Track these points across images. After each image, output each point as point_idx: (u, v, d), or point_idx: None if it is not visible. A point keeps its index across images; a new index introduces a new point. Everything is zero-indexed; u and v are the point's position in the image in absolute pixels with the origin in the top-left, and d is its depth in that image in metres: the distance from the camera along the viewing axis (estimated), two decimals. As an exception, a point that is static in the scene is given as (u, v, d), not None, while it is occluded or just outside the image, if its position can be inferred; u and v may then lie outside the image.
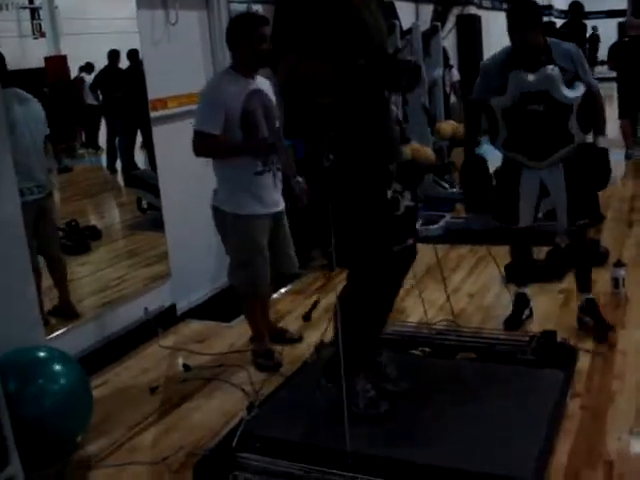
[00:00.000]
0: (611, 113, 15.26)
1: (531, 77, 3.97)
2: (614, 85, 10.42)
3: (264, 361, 4.17)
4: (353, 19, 2.95)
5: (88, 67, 11.47)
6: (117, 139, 10.16)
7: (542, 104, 3.96)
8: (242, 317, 4.53)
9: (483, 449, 3.01)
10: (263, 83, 4.12)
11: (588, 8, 24.84)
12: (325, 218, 2.93)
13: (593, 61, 21.47)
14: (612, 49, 10.40)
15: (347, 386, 3.14)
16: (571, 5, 11.19)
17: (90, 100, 9.82)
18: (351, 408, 3.11)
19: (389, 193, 3.05)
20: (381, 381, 3.40)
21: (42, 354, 3.47)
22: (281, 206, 4.19)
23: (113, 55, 10.31)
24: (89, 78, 10.76)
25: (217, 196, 4.08)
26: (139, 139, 7.83)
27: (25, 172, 4.45)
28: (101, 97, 10.77)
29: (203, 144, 3.89)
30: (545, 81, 3.94)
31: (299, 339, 4.47)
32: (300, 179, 4.35)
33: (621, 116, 9.98)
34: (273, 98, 4.15)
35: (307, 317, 3.39)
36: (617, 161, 9.88)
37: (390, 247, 3.07)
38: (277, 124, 4.18)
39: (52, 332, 4.13)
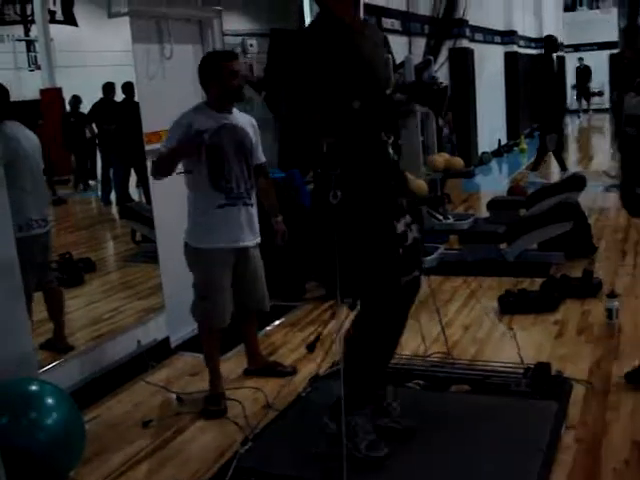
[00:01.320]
0: (604, 144, 15.41)
1: (634, 99, 3.86)
2: (606, 117, 10.53)
3: (210, 406, 4.05)
4: (356, 57, 3.01)
5: (75, 100, 11.47)
6: (112, 171, 10.17)
7: (635, 128, 3.83)
8: (236, 350, 4.51)
9: (478, 482, 3.00)
10: (241, 118, 4.12)
11: (579, 40, 25.29)
12: (332, 253, 2.94)
13: (585, 92, 21.58)
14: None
15: (347, 424, 3.12)
16: (545, 39, 11.46)
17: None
18: (352, 452, 3.08)
19: (399, 226, 3.07)
20: (382, 416, 3.35)
21: (34, 387, 3.46)
22: (247, 242, 4.11)
23: (108, 88, 10.37)
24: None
25: (186, 230, 4.09)
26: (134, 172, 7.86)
27: (36, 205, 4.46)
28: (96, 130, 10.82)
29: (155, 162, 3.96)
30: (638, 105, 3.81)
31: (292, 372, 4.39)
32: (280, 219, 4.34)
33: None
34: (251, 132, 4.13)
35: (311, 348, 3.38)
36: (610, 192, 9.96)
37: (398, 279, 3.08)
38: (259, 160, 4.19)
39: (45, 365, 4.11)
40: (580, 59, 23.55)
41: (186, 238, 4.07)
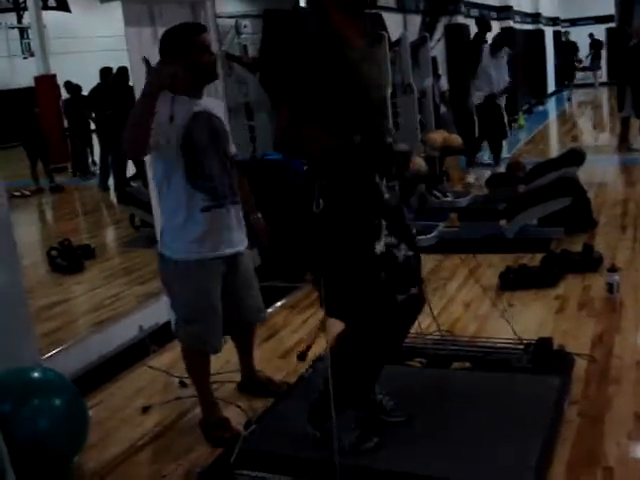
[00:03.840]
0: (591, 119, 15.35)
1: None
2: (592, 91, 10.50)
3: (220, 433, 3.55)
4: (351, 75, 2.84)
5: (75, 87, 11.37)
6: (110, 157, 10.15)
7: None
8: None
9: (481, 459, 3.00)
10: (212, 103, 3.59)
11: (575, 14, 25.14)
12: (316, 263, 2.88)
13: (571, 68, 21.46)
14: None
15: (331, 428, 3.01)
16: (477, 20, 11.42)
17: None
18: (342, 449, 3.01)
19: (378, 246, 2.90)
20: (381, 415, 3.32)
21: (37, 375, 3.46)
22: (238, 247, 3.59)
23: (105, 73, 10.34)
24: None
25: (161, 240, 3.53)
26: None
27: None
28: (94, 115, 10.80)
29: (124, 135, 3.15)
30: None
31: (286, 390, 3.91)
32: (259, 215, 3.86)
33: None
34: (224, 119, 3.65)
35: (302, 357, 3.33)
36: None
37: (393, 298, 2.95)
38: (232, 150, 3.66)
39: (47, 353, 4.11)
40: (565, 33, 23.32)
41: (163, 249, 3.49)
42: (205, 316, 3.49)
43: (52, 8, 11.60)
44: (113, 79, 9.41)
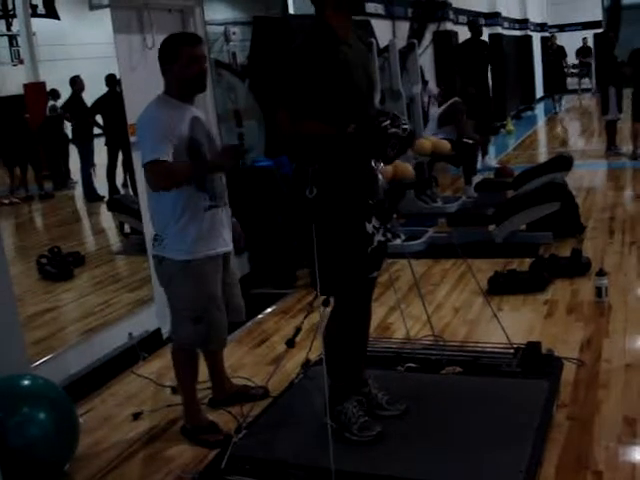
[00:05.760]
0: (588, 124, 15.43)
1: None
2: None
3: (211, 436, 3.58)
4: (345, 77, 3.03)
5: (53, 93, 11.36)
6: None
7: None
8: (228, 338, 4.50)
9: (471, 463, 3.01)
10: (198, 111, 3.65)
11: (563, 20, 25.19)
12: (308, 246, 3.02)
13: (561, 73, 21.46)
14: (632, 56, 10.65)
15: (339, 414, 3.24)
16: (469, 23, 11.39)
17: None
18: (345, 436, 3.21)
19: (369, 227, 3.12)
20: (375, 409, 3.42)
21: (27, 382, 3.46)
22: (230, 246, 3.69)
23: (71, 82, 10.23)
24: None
25: (160, 243, 3.53)
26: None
27: None
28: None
29: (161, 174, 3.32)
30: None
31: (265, 394, 3.86)
32: (235, 219, 3.84)
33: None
34: (210, 127, 3.74)
35: (291, 343, 3.38)
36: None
37: (365, 276, 3.17)
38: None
39: (37, 360, 4.10)
40: (551, 37, 23.29)
41: (164, 252, 3.51)
42: (212, 314, 3.55)
43: (41, 15, 11.59)
44: (107, 86, 9.32)
